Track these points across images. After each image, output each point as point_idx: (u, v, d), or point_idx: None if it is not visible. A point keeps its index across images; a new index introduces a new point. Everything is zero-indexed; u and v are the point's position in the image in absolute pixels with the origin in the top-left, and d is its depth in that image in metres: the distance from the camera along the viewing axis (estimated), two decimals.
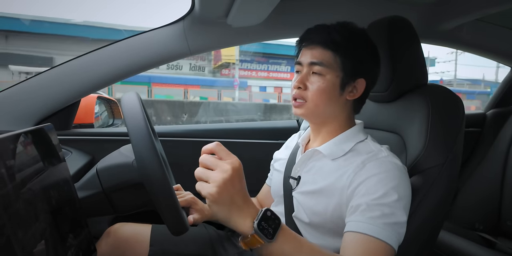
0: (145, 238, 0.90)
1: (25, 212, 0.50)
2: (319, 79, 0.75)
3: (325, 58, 0.75)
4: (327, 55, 0.75)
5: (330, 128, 0.81)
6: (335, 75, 0.75)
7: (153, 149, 0.62)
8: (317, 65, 0.75)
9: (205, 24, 1.18)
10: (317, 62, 0.75)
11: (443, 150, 0.77)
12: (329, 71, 0.75)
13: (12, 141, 0.51)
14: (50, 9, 11.24)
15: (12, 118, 1.11)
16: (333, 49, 0.75)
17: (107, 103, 1.56)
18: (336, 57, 0.75)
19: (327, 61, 0.75)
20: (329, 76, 0.75)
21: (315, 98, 0.76)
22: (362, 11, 1.25)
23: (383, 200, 0.66)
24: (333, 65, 0.75)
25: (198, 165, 0.98)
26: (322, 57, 0.75)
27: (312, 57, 0.76)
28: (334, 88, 0.76)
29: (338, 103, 0.78)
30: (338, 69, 0.75)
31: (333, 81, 0.75)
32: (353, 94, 0.78)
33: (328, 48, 0.75)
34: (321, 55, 0.75)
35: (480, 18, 1.36)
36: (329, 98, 0.76)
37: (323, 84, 0.75)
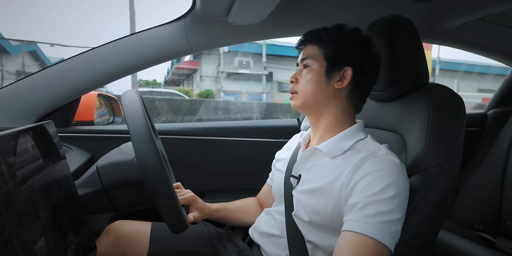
0: (145, 235, 0.91)
1: (26, 210, 0.50)
2: (307, 71, 0.82)
3: (311, 52, 0.82)
4: (314, 49, 0.82)
5: (327, 122, 0.82)
6: (319, 65, 0.81)
7: (153, 146, 0.62)
8: (305, 60, 0.83)
9: (206, 22, 1.18)
10: (305, 56, 0.83)
11: (443, 150, 0.77)
12: (314, 62, 0.81)
13: (12, 138, 0.51)
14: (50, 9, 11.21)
15: (12, 115, 1.11)
16: (318, 44, 0.82)
17: (108, 100, 1.56)
18: (320, 49, 0.81)
19: (313, 54, 0.82)
20: (314, 66, 0.81)
21: (303, 88, 0.81)
22: (363, 10, 1.24)
23: (379, 197, 0.66)
24: (318, 56, 0.81)
25: (198, 163, 0.98)
26: (309, 52, 0.83)
27: (303, 54, 0.84)
28: (319, 76, 0.80)
29: (327, 91, 0.80)
30: (322, 59, 0.81)
31: (318, 70, 0.81)
32: (341, 83, 0.80)
33: (314, 44, 0.82)
34: (309, 50, 0.83)
35: (481, 18, 1.36)
36: (316, 86, 0.80)
37: (310, 74, 0.81)
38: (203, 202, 0.95)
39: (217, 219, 1.00)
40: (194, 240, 0.92)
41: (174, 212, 0.66)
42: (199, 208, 0.92)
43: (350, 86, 0.80)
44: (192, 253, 0.89)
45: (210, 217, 0.96)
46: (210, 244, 0.93)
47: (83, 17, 13.28)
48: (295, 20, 1.24)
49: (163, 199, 0.63)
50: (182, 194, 0.91)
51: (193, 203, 0.92)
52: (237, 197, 1.12)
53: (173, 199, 0.65)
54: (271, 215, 0.91)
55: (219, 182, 1.41)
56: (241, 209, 1.03)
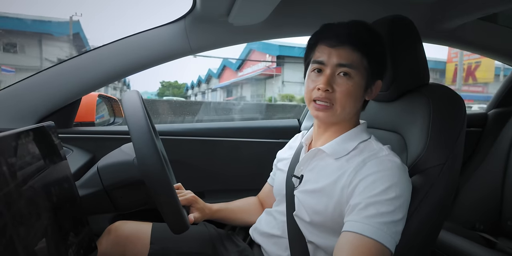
0: (146, 236, 0.91)
1: (27, 210, 0.50)
2: (348, 81, 0.73)
3: (354, 60, 0.72)
4: (356, 57, 0.72)
5: (338, 127, 0.81)
6: (362, 77, 0.74)
7: (153, 147, 0.62)
8: (345, 67, 0.72)
9: (207, 23, 1.18)
10: (347, 63, 0.72)
11: (444, 150, 0.77)
12: (357, 73, 0.73)
13: (13, 139, 0.51)
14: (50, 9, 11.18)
15: (13, 116, 1.12)
16: (362, 51, 0.73)
17: (108, 101, 1.56)
18: (364, 58, 0.73)
19: (357, 63, 0.73)
20: (357, 78, 0.73)
21: (343, 101, 0.73)
22: (364, 10, 1.24)
23: (380, 198, 0.66)
24: (360, 67, 0.73)
25: (198, 163, 0.98)
26: (351, 58, 0.72)
27: (340, 58, 0.73)
28: (360, 90, 0.75)
29: (359, 104, 0.79)
30: (365, 71, 0.74)
31: (360, 83, 0.74)
32: (370, 95, 0.79)
33: (357, 50, 0.72)
34: (350, 56, 0.72)
35: (482, 18, 1.36)
36: (355, 101, 0.75)
37: (352, 86, 0.73)
38: (203, 203, 0.95)
39: (218, 220, 0.99)
40: (195, 241, 0.92)
41: (174, 212, 0.66)
42: (200, 209, 0.92)
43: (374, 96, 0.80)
44: (192, 253, 0.89)
45: (211, 217, 0.96)
46: (211, 244, 0.93)
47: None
48: (295, 20, 1.24)
49: (164, 199, 0.64)
50: (183, 194, 0.91)
51: (194, 203, 0.92)
52: (238, 197, 1.12)
53: (174, 199, 0.65)
54: (272, 215, 0.91)
55: (220, 183, 1.41)
56: (242, 209, 1.03)
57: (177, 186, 0.95)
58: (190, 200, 0.91)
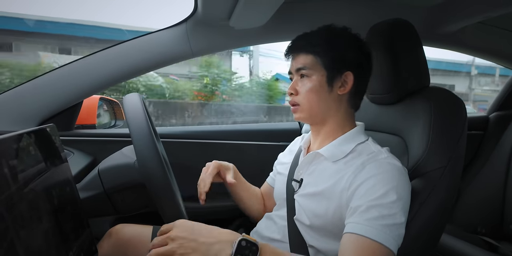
0: (147, 239, 0.90)
1: (28, 213, 0.50)
2: (306, 81, 0.79)
3: (307, 61, 0.79)
4: (309, 58, 0.79)
5: (329, 128, 0.82)
6: (319, 75, 0.79)
7: (154, 150, 0.63)
8: (302, 70, 0.80)
9: (208, 26, 1.19)
10: (301, 67, 0.80)
11: (445, 153, 0.77)
12: (313, 72, 0.79)
13: (15, 141, 0.51)
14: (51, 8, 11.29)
15: (15, 119, 1.12)
16: (312, 52, 0.79)
17: (109, 104, 1.56)
18: (316, 58, 0.79)
19: (310, 63, 0.79)
20: (314, 76, 0.79)
21: (306, 100, 0.79)
22: (364, 13, 1.25)
23: (381, 201, 0.66)
24: (316, 66, 0.79)
25: (199, 166, 0.99)
26: (305, 61, 0.79)
27: (297, 64, 0.81)
28: (321, 86, 0.79)
29: (330, 99, 0.80)
30: (321, 68, 0.78)
31: (319, 79, 0.79)
32: (343, 88, 0.79)
33: (308, 52, 0.79)
34: (304, 59, 0.80)
35: (482, 21, 1.36)
36: (319, 96, 0.79)
37: (310, 84, 0.79)
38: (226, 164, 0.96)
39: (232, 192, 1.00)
40: None
41: (175, 215, 0.66)
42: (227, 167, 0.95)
43: (352, 90, 0.80)
44: None
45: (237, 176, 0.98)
46: None
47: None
48: (296, 24, 1.24)
49: (165, 202, 0.64)
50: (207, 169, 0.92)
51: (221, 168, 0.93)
52: None
53: (175, 202, 0.65)
54: (272, 220, 0.91)
55: (220, 186, 1.41)
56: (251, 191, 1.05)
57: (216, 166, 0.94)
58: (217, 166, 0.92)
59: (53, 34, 6.68)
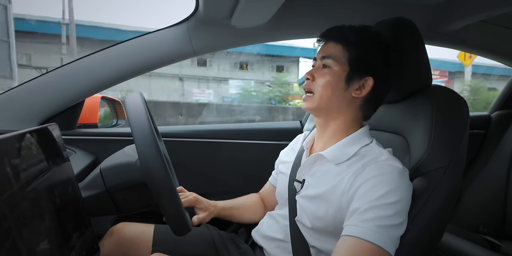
0: (148, 237, 0.91)
1: (30, 212, 0.50)
2: (326, 71, 0.78)
3: (335, 52, 0.78)
4: (337, 49, 0.78)
5: (335, 126, 0.81)
6: (341, 69, 0.77)
7: (156, 149, 0.63)
8: (327, 58, 0.78)
9: (209, 25, 1.18)
10: (327, 55, 0.78)
11: (447, 152, 0.77)
12: (336, 64, 0.77)
13: (17, 141, 0.52)
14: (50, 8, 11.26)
15: (17, 118, 1.12)
16: (343, 44, 0.77)
17: (111, 103, 1.56)
18: (345, 51, 0.77)
19: (336, 55, 0.78)
20: (336, 68, 0.77)
21: (321, 89, 0.78)
22: (366, 12, 1.24)
23: (379, 202, 0.65)
24: (341, 59, 0.77)
25: (201, 165, 0.98)
26: (332, 51, 0.78)
27: (324, 52, 0.79)
28: (339, 80, 0.77)
29: (343, 97, 0.78)
30: (345, 63, 0.77)
31: (339, 73, 0.77)
32: (359, 92, 0.78)
33: (339, 43, 0.78)
34: (332, 49, 0.78)
35: (485, 20, 1.36)
36: (334, 90, 0.77)
37: (329, 75, 0.77)
38: (207, 201, 0.95)
39: (223, 217, 0.99)
40: (197, 243, 0.92)
41: (177, 214, 0.66)
42: (204, 208, 0.92)
43: (367, 96, 0.79)
44: (195, 255, 0.89)
45: (217, 215, 0.96)
46: (213, 246, 0.93)
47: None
48: (297, 22, 1.24)
49: (166, 201, 0.64)
50: (185, 196, 0.91)
51: (197, 204, 0.92)
52: None
53: (176, 202, 0.65)
54: (274, 219, 0.91)
55: (222, 184, 1.41)
56: (245, 205, 1.04)
57: (180, 190, 0.95)
58: (192, 202, 0.91)
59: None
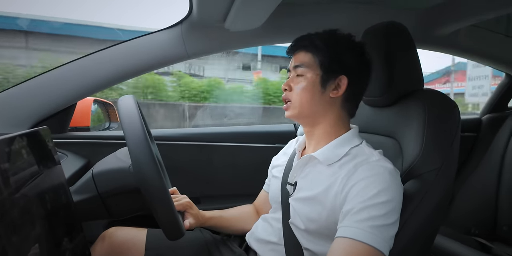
0: (141, 242, 0.90)
1: (20, 219, 0.49)
2: (301, 79, 0.80)
3: (305, 60, 0.80)
4: (307, 57, 0.80)
5: (322, 130, 0.82)
6: (314, 74, 0.79)
7: (150, 154, 0.62)
8: (299, 67, 0.81)
9: (203, 28, 1.18)
10: (299, 64, 0.81)
11: (439, 155, 0.78)
12: (309, 71, 0.80)
13: (6, 144, 0.51)
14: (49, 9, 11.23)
15: (7, 121, 1.11)
16: (312, 51, 0.80)
17: (104, 106, 1.55)
18: (315, 57, 0.79)
19: (307, 62, 0.80)
20: (309, 74, 0.79)
21: (298, 97, 0.80)
22: (359, 16, 1.25)
23: (372, 202, 0.66)
24: (313, 65, 0.79)
25: (194, 168, 0.98)
26: (303, 59, 0.81)
27: (296, 61, 0.82)
28: (314, 85, 0.79)
29: (323, 100, 0.80)
30: (317, 68, 0.79)
31: (313, 79, 0.79)
32: (336, 92, 0.79)
33: (308, 51, 0.81)
34: (302, 57, 0.81)
35: (475, 24, 1.38)
36: (312, 96, 0.79)
37: (304, 82, 0.80)
38: (197, 209, 0.94)
39: (211, 228, 0.99)
40: (190, 247, 0.91)
41: (170, 219, 0.65)
42: (194, 215, 0.91)
43: (345, 94, 0.80)
44: None
45: (203, 225, 0.95)
46: (206, 250, 0.92)
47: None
48: (292, 26, 1.25)
49: (159, 207, 0.63)
50: (178, 199, 0.91)
51: (189, 209, 0.91)
52: (234, 203, 1.11)
53: (170, 207, 0.65)
54: (268, 222, 0.91)
55: (216, 188, 1.40)
56: (236, 217, 1.02)
57: (172, 191, 0.95)
58: (185, 206, 0.90)
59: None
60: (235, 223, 1.01)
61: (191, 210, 0.91)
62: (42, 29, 6.53)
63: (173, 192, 0.95)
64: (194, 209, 0.92)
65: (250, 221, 1.00)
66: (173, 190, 0.95)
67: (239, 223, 1.01)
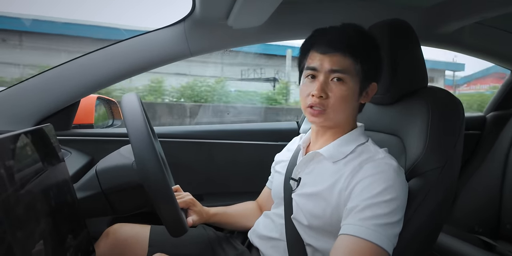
0: (144, 238, 0.90)
1: (25, 214, 0.50)
2: (341, 87, 0.73)
3: (346, 65, 0.73)
4: (348, 62, 0.73)
5: (335, 131, 0.81)
6: (355, 82, 0.74)
7: (153, 151, 0.62)
8: (337, 72, 0.73)
9: (206, 26, 1.18)
10: (339, 69, 0.73)
11: (442, 153, 0.77)
12: (350, 78, 0.73)
13: (11, 141, 0.51)
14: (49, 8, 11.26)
15: (12, 118, 1.11)
16: (352, 56, 0.73)
17: (107, 103, 1.56)
18: (356, 64, 0.73)
19: (348, 68, 0.73)
20: (350, 83, 0.73)
21: (337, 106, 0.74)
22: (362, 13, 1.25)
23: (376, 200, 0.66)
24: (353, 72, 0.74)
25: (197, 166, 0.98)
26: (343, 64, 0.73)
27: (333, 65, 0.73)
28: (354, 94, 0.75)
29: (354, 107, 0.79)
30: (358, 75, 0.74)
31: (354, 88, 0.74)
32: (366, 98, 0.79)
33: (350, 55, 0.73)
34: (342, 62, 0.73)
35: (480, 22, 1.37)
36: (349, 105, 0.76)
37: (345, 92, 0.73)
38: (201, 206, 0.95)
39: (215, 224, 0.99)
40: (193, 244, 0.92)
41: (173, 216, 0.66)
42: (198, 212, 0.92)
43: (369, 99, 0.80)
44: None
45: (207, 221, 0.96)
46: (209, 247, 0.92)
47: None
48: (294, 23, 1.24)
49: (163, 204, 0.63)
50: (181, 197, 0.91)
51: (192, 206, 0.91)
52: (236, 200, 1.11)
53: (173, 204, 0.65)
54: (270, 218, 0.91)
55: (219, 185, 1.41)
56: (240, 213, 1.03)
57: (176, 188, 0.95)
58: (188, 203, 0.91)
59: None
60: (239, 220, 1.01)
61: (195, 207, 0.92)
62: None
63: (176, 190, 0.95)
64: (197, 206, 0.92)
65: (253, 218, 1.01)
66: (176, 187, 0.95)
67: (243, 219, 1.01)
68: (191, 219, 0.88)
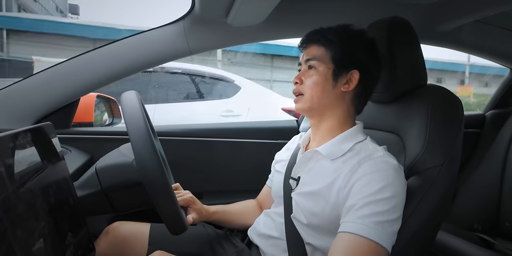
0: (144, 236, 0.90)
1: (25, 214, 0.50)
2: (313, 72, 0.80)
3: (318, 53, 0.80)
4: (320, 50, 0.80)
5: (329, 124, 0.82)
6: (326, 67, 0.79)
7: (153, 150, 0.62)
8: (311, 60, 0.81)
9: (205, 24, 1.18)
10: (311, 57, 0.81)
11: (442, 151, 0.78)
12: (321, 64, 0.80)
13: (11, 140, 0.51)
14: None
15: (11, 117, 1.11)
16: (324, 45, 0.80)
17: (107, 102, 1.56)
18: (327, 51, 0.80)
19: (319, 55, 0.80)
20: (321, 68, 0.79)
21: (310, 90, 0.80)
22: (362, 11, 1.25)
23: (375, 197, 0.66)
24: (325, 58, 0.80)
25: (197, 164, 0.98)
26: (315, 53, 0.81)
27: (307, 55, 0.82)
28: (326, 78, 0.79)
29: (333, 94, 0.80)
30: (329, 61, 0.79)
31: (325, 72, 0.79)
32: (347, 86, 0.80)
33: (320, 44, 0.80)
34: (315, 51, 0.81)
35: (479, 20, 1.36)
36: (323, 89, 0.79)
37: (317, 75, 0.80)
38: (201, 204, 0.95)
39: (215, 222, 0.99)
40: (193, 242, 0.92)
41: (173, 214, 0.66)
42: (197, 210, 0.92)
43: (356, 90, 0.80)
44: (190, 254, 0.89)
45: (207, 219, 0.96)
46: (209, 245, 0.93)
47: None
48: (294, 21, 1.24)
49: (163, 202, 0.64)
50: (181, 195, 0.91)
51: (192, 204, 0.92)
52: (236, 198, 1.11)
53: (172, 202, 0.65)
54: (270, 217, 0.91)
55: (218, 183, 1.41)
56: (239, 211, 1.03)
57: (176, 186, 0.96)
58: (188, 201, 0.91)
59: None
60: (239, 218, 1.01)
61: (194, 205, 0.92)
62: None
63: (176, 188, 0.95)
64: (197, 204, 0.93)
65: (253, 216, 1.01)
66: (176, 186, 0.96)
67: (243, 217, 1.02)
68: (191, 217, 0.88)
